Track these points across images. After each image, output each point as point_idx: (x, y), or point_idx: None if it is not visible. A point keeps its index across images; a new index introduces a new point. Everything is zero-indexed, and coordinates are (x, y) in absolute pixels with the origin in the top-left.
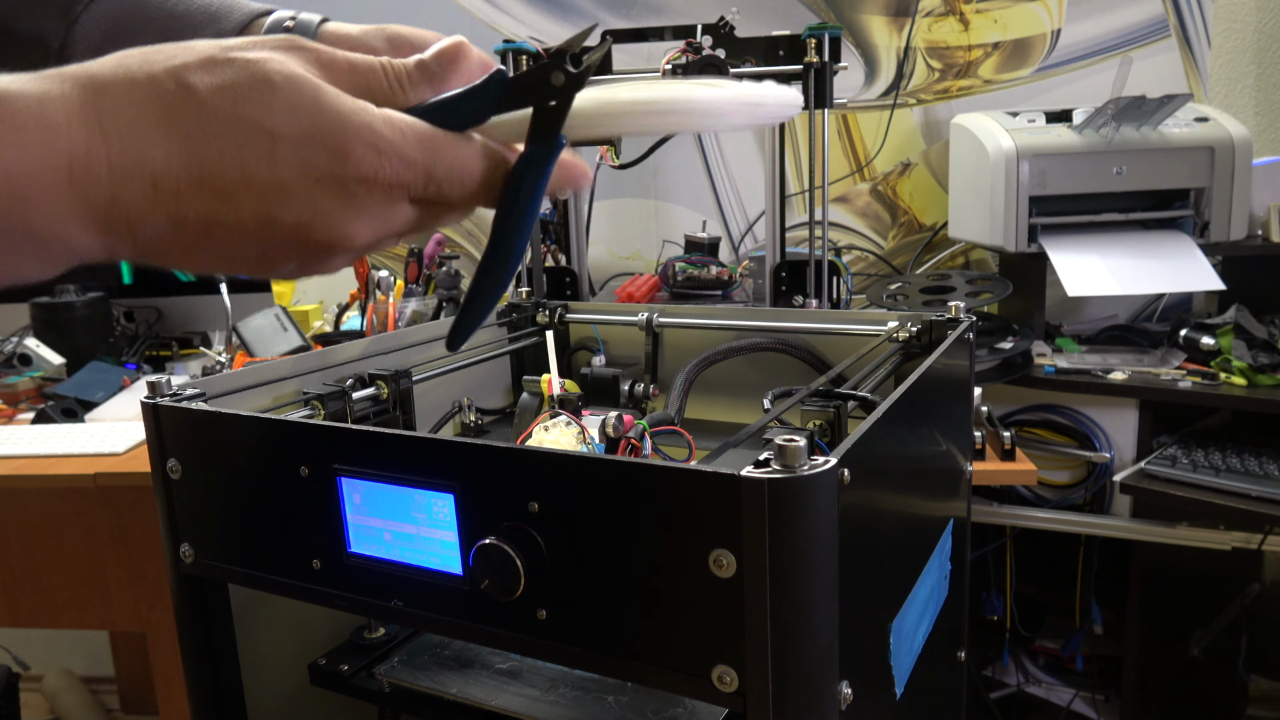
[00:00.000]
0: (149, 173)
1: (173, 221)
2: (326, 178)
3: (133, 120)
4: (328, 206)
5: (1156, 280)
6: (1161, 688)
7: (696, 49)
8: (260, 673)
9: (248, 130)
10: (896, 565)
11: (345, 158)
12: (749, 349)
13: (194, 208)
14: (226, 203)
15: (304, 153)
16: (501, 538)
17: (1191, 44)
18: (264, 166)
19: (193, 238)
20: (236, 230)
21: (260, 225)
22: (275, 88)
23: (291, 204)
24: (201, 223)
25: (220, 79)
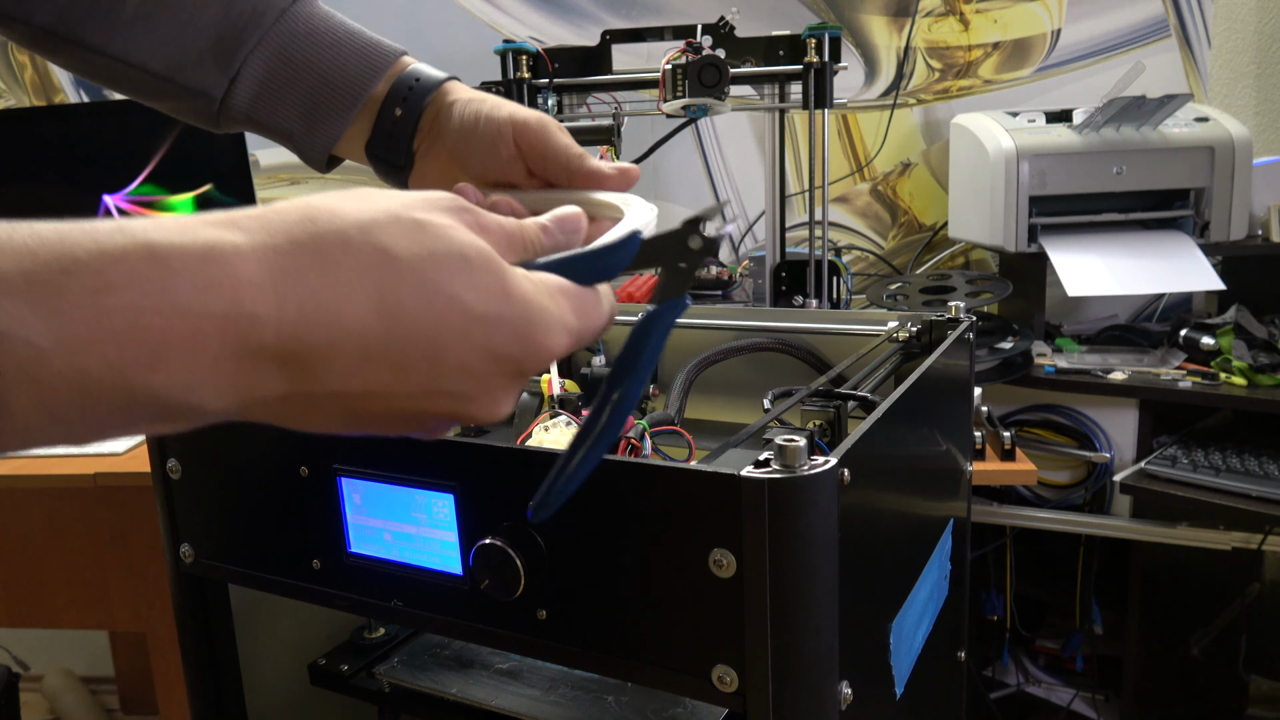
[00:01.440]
0: (326, 339)
1: (331, 394)
2: (506, 361)
3: (316, 286)
4: (497, 388)
5: (1156, 280)
6: (1161, 688)
7: (696, 49)
8: (260, 673)
9: (447, 304)
10: (896, 565)
11: (529, 343)
12: (749, 349)
13: (365, 380)
14: (400, 375)
15: (493, 334)
16: (501, 538)
17: (1191, 44)
18: (454, 344)
19: (344, 407)
20: (397, 405)
21: (425, 398)
22: (471, 264)
23: (465, 382)
24: (363, 394)
25: (416, 243)
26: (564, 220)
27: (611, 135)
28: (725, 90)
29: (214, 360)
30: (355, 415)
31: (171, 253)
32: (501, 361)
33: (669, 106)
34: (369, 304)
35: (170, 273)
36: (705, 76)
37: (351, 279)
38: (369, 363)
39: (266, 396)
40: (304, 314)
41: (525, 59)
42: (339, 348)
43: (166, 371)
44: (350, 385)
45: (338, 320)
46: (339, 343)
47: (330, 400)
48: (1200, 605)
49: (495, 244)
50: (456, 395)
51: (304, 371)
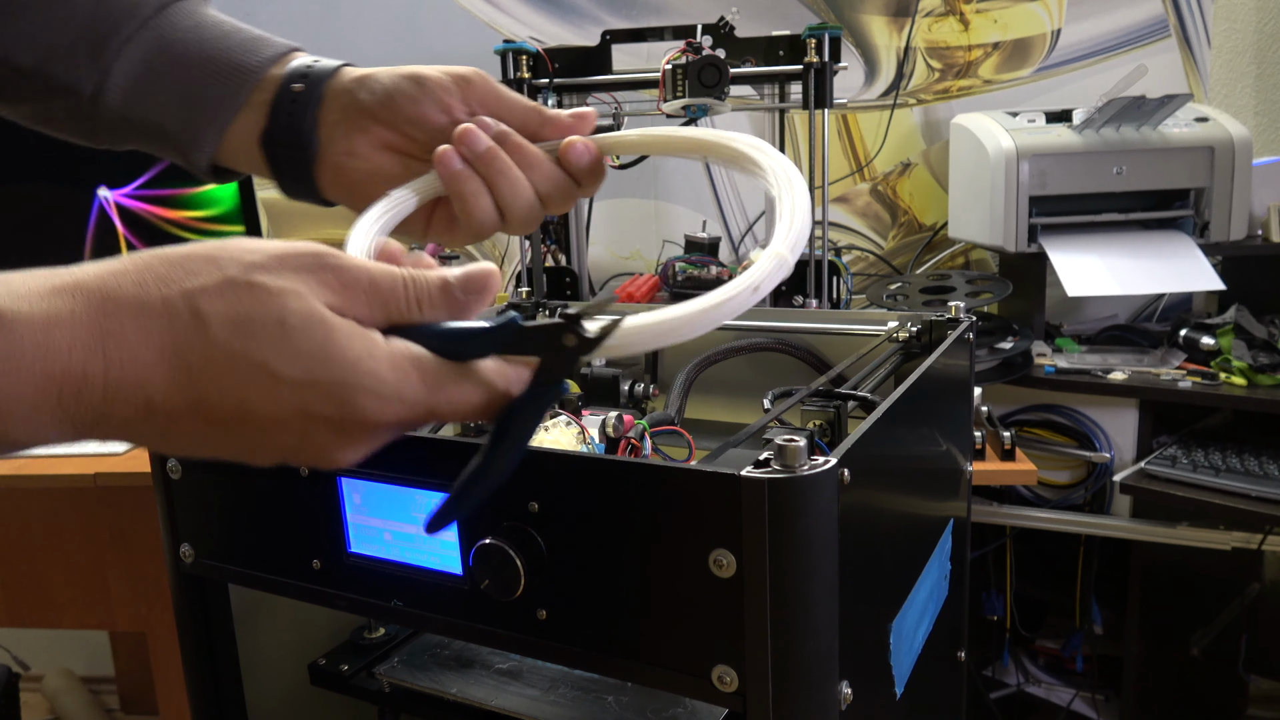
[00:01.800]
0: (144, 399)
1: (160, 435)
2: (322, 421)
3: (137, 349)
4: (321, 441)
5: (1156, 280)
6: (1161, 688)
7: (696, 49)
8: (260, 673)
9: (251, 370)
10: (896, 565)
11: (345, 405)
12: (749, 349)
13: (184, 429)
14: (218, 429)
15: (305, 396)
16: (501, 538)
17: (1191, 44)
18: (264, 404)
19: (176, 448)
20: (223, 448)
21: (248, 447)
22: (287, 329)
23: (284, 435)
24: (189, 438)
25: (234, 310)
26: (471, 280)
27: None
28: (725, 90)
29: (53, 419)
30: (205, 450)
31: (18, 319)
32: (315, 421)
33: (669, 106)
34: (169, 367)
35: (16, 336)
36: (705, 76)
37: (163, 344)
38: (180, 420)
39: (109, 434)
40: (124, 372)
41: (525, 59)
42: (154, 404)
43: (11, 421)
44: (171, 435)
45: (148, 380)
46: (153, 399)
47: (174, 438)
48: (1200, 605)
49: (352, 303)
50: (283, 448)
51: (129, 427)
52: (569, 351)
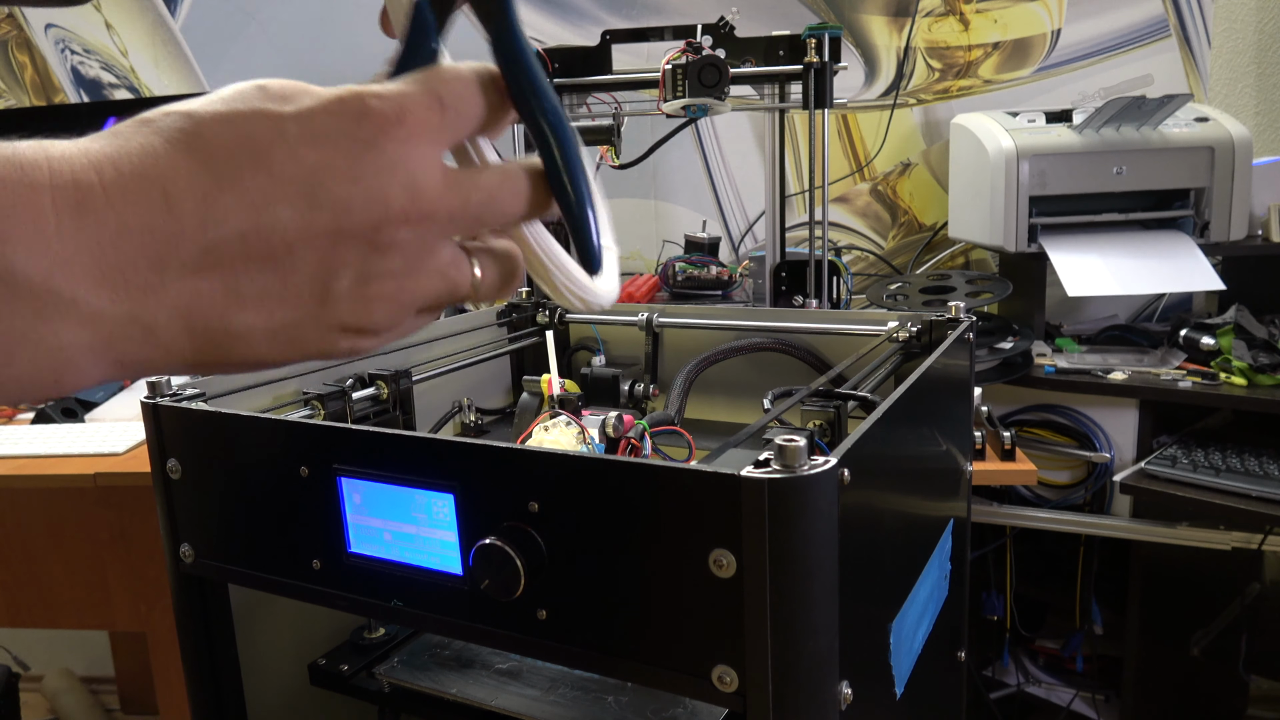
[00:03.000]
0: (158, 190)
1: (203, 250)
2: (341, 140)
3: (121, 145)
4: (352, 169)
5: (1156, 280)
6: (1161, 688)
7: (696, 49)
8: (260, 673)
9: (251, 120)
10: (896, 565)
11: (355, 116)
12: (749, 349)
13: (220, 219)
14: (251, 201)
15: (312, 122)
16: (501, 538)
17: (1191, 44)
18: (278, 148)
19: (230, 264)
20: (276, 237)
21: (294, 218)
22: (264, 85)
23: (316, 180)
24: (236, 237)
25: (210, 98)
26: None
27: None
28: (725, 90)
29: (58, 233)
30: (251, 275)
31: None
32: (338, 144)
33: (669, 106)
34: (172, 147)
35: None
36: (705, 76)
37: (150, 137)
38: (206, 201)
39: (147, 286)
40: (120, 171)
41: None
42: (170, 193)
43: (15, 245)
44: (210, 232)
45: (152, 168)
46: (168, 189)
47: (213, 267)
48: (1200, 605)
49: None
50: (325, 203)
51: (157, 236)
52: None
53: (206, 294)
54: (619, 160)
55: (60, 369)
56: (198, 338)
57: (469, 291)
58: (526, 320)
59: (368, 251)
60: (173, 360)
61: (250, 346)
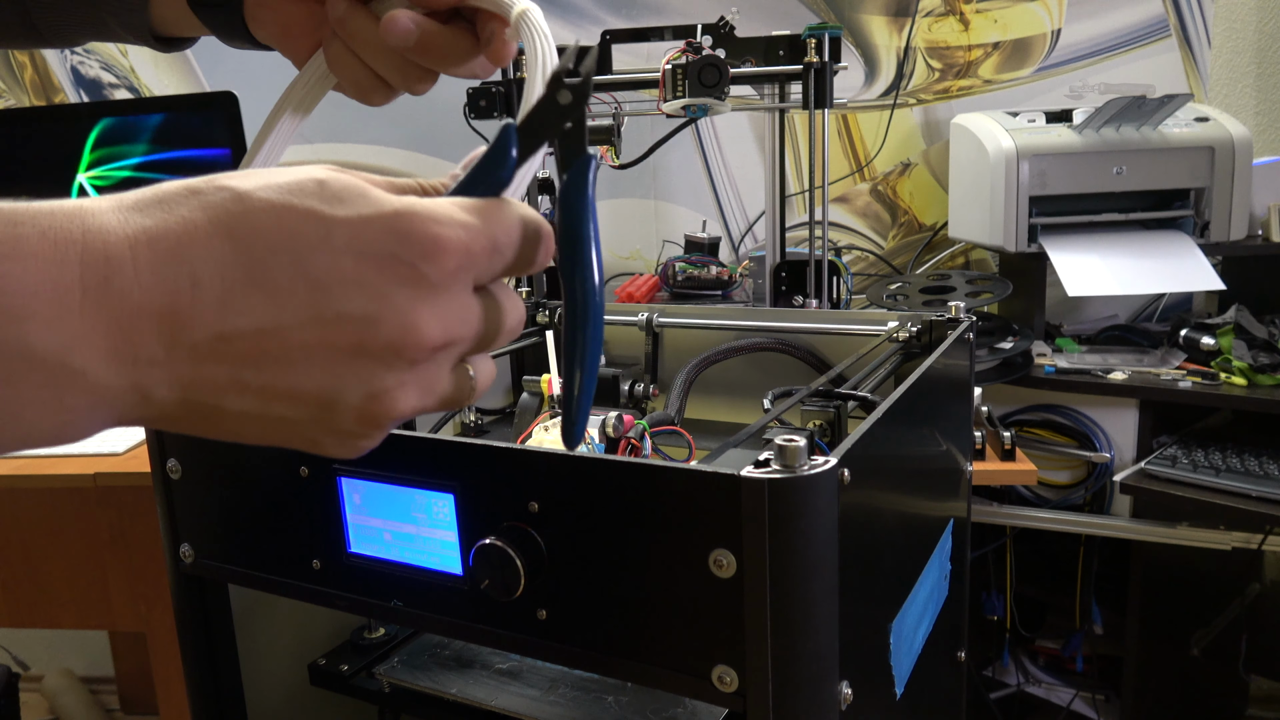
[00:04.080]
0: (187, 272)
1: (217, 337)
2: (386, 260)
3: (163, 218)
4: (390, 290)
5: (1156, 280)
6: (1161, 688)
7: (696, 49)
8: (260, 673)
9: (300, 218)
10: (896, 565)
11: (409, 239)
12: (749, 349)
13: (242, 311)
14: (278, 300)
15: (362, 234)
16: (501, 538)
17: (1191, 44)
18: (319, 253)
19: (240, 356)
20: (295, 340)
21: (319, 326)
22: (324, 180)
23: (352, 297)
24: (253, 332)
25: (264, 179)
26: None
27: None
28: (725, 90)
29: (80, 310)
30: (259, 369)
31: (19, 211)
32: (382, 262)
33: (669, 106)
34: (214, 229)
35: (17, 225)
36: (705, 76)
37: (195, 212)
38: (233, 291)
39: (153, 360)
40: (155, 250)
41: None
42: (199, 278)
43: (35, 323)
44: (229, 322)
45: (188, 249)
46: (198, 273)
47: (222, 355)
48: (1200, 605)
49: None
50: (354, 318)
51: (175, 318)
52: (572, 111)
53: (208, 377)
54: (619, 160)
55: (62, 428)
56: (190, 411)
57: (464, 402)
58: (526, 320)
59: (384, 370)
60: (164, 422)
61: (240, 429)
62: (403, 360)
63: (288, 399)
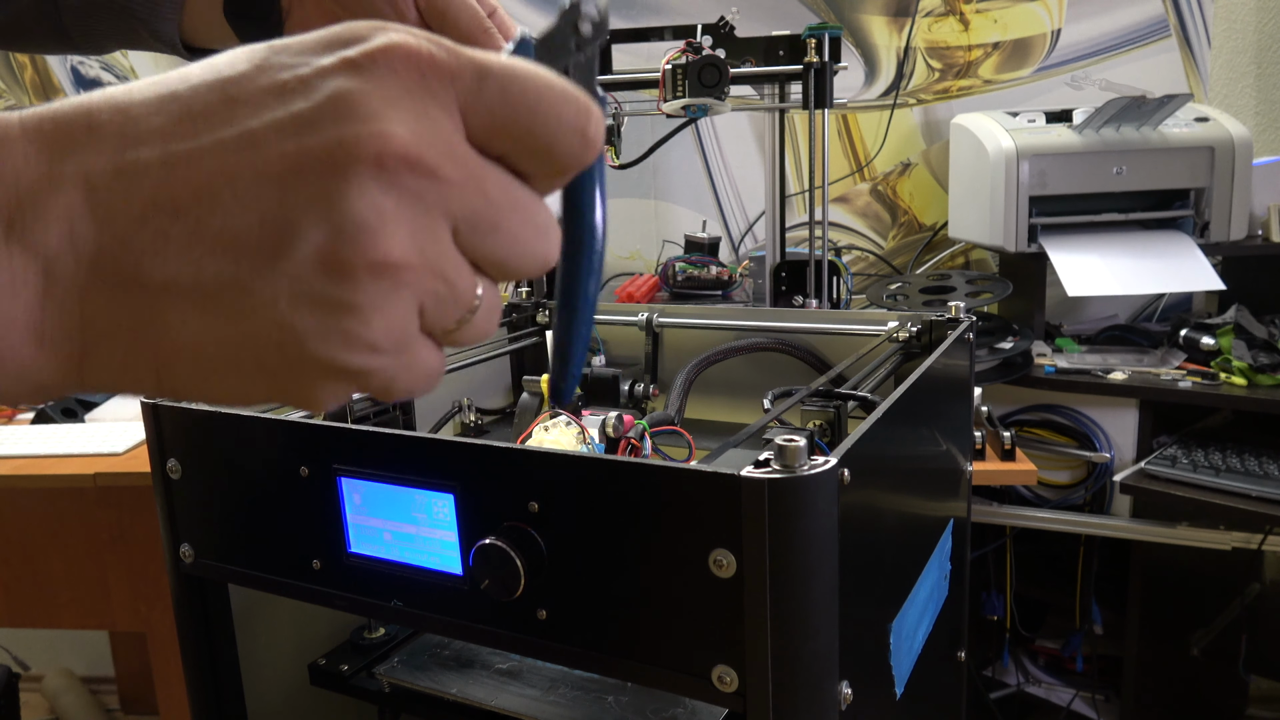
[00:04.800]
0: (78, 103)
1: (116, 171)
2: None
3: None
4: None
5: (1156, 280)
6: (1161, 688)
7: (696, 49)
8: (260, 673)
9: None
10: (896, 565)
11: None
12: (749, 349)
13: (144, 136)
14: (192, 113)
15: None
16: (501, 538)
17: (1191, 44)
18: (248, 53)
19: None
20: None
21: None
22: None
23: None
24: (162, 159)
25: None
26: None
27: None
28: (725, 90)
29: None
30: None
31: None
32: (331, 46)
33: (669, 106)
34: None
35: None
36: (705, 76)
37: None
38: (132, 110)
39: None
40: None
41: None
42: (91, 105)
43: None
44: (131, 151)
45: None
46: (90, 102)
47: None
48: (1200, 605)
49: None
50: (296, 117)
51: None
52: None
53: (118, 234)
54: (619, 160)
55: None
56: (107, 295)
57: (468, 304)
58: (526, 320)
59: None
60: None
61: (176, 320)
62: (380, 175)
63: (221, 247)
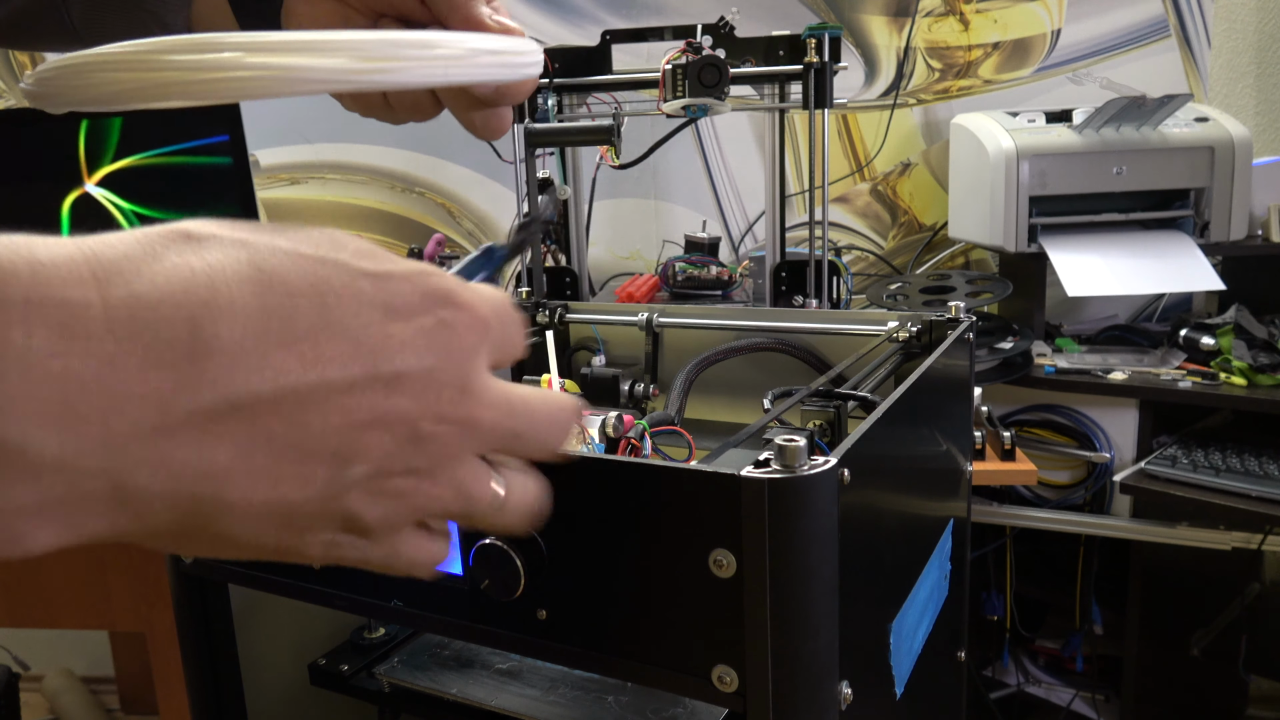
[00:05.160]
0: (185, 317)
1: (228, 402)
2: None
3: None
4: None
5: (1156, 280)
6: (1161, 688)
7: (696, 49)
8: (260, 673)
9: (321, 264)
10: (896, 565)
11: (432, 292)
12: (749, 349)
13: (260, 368)
14: (305, 356)
15: (389, 287)
16: (501, 538)
17: (1191, 44)
18: (347, 301)
19: (253, 427)
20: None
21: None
22: (337, 235)
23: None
24: (273, 395)
25: (275, 230)
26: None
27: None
28: (725, 90)
29: (21, 361)
30: (271, 442)
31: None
32: (420, 321)
33: (669, 106)
34: (215, 270)
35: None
36: (705, 76)
37: (187, 255)
38: (255, 346)
39: (135, 433)
40: (133, 290)
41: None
42: (200, 325)
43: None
44: (244, 382)
45: (184, 293)
46: (198, 319)
47: (233, 425)
48: (1200, 605)
49: None
50: (403, 375)
51: (170, 374)
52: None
53: (212, 454)
54: (619, 160)
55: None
56: (182, 507)
57: (486, 510)
58: (526, 320)
59: (399, 441)
60: (143, 531)
61: (238, 524)
62: (422, 429)
63: (296, 479)
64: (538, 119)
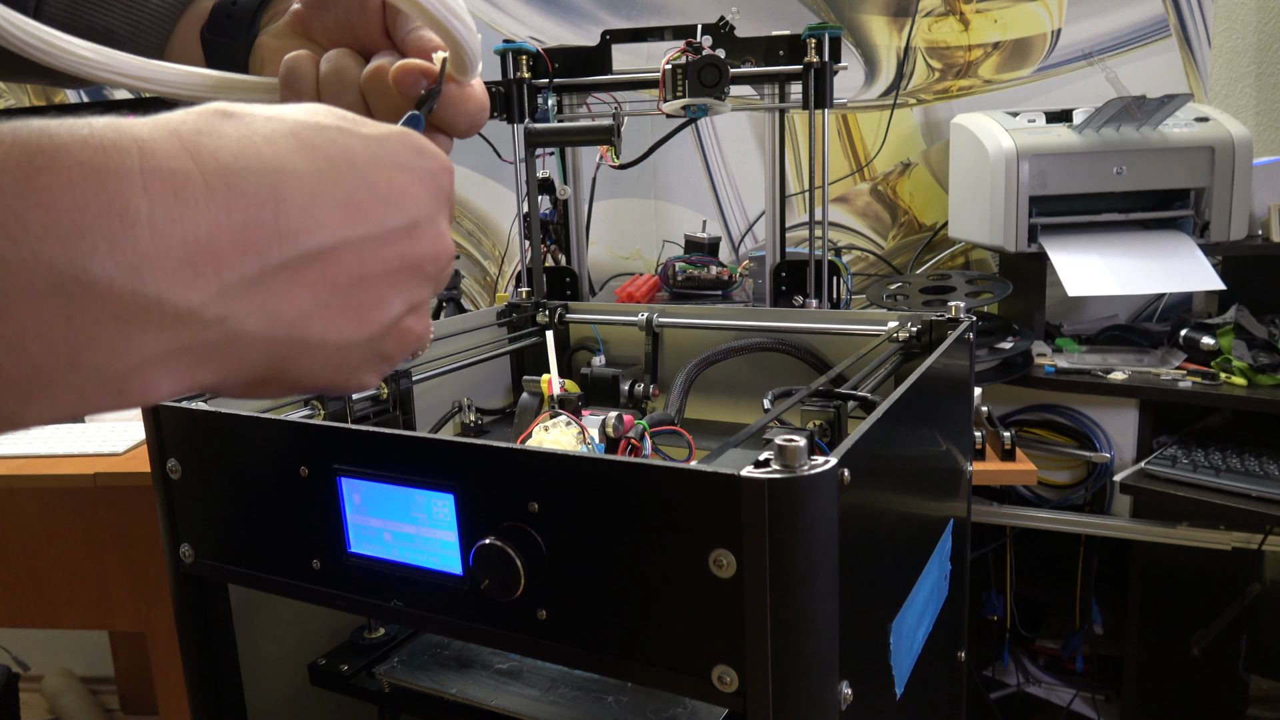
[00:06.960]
0: (268, 183)
1: (306, 255)
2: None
3: (214, 133)
4: (429, 200)
5: (1156, 280)
6: (1161, 688)
7: (696, 49)
8: (260, 673)
9: (342, 134)
10: (896, 565)
11: (422, 152)
12: (749, 349)
13: (326, 225)
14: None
15: (388, 147)
16: (501, 538)
17: (1191, 44)
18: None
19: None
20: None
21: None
22: (325, 108)
23: (408, 204)
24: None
25: (279, 108)
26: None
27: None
28: (725, 90)
29: (150, 225)
30: (339, 291)
31: (50, 124)
32: (416, 173)
33: (669, 106)
34: (276, 140)
35: (50, 135)
36: (705, 76)
37: (244, 128)
38: (315, 203)
39: (244, 281)
40: (220, 160)
41: (525, 59)
42: (280, 189)
43: (92, 241)
44: (316, 238)
45: (257, 159)
46: (278, 184)
47: (311, 275)
48: (1200, 605)
49: None
50: (418, 228)
51: (261, 233)
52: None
53: (298, 300)
54: (619, 160)
55: (126, 379)
56: (275, 350)
57: (426, 338)
58: (526, 320)
59: (419, 282)
60: (239, 379)
61: (313, 363)
62: (429, 270)
63: (357, 318)
64: (538, 119)
